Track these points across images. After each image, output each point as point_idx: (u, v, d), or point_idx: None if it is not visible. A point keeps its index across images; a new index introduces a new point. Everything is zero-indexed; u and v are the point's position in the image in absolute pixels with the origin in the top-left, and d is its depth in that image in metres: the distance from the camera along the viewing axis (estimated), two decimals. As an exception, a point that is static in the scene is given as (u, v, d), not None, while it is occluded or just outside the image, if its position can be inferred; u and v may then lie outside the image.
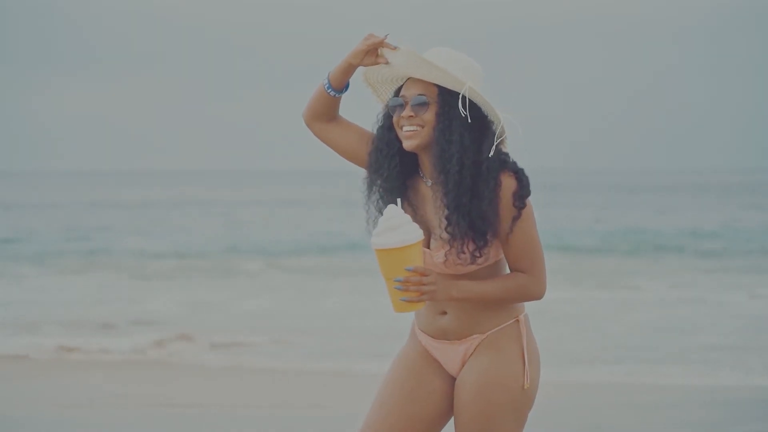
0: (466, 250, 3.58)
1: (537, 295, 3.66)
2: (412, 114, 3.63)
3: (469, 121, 3.60)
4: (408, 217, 3.51)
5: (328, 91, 3.76)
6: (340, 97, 3.78)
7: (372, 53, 3.68)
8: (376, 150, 3.72)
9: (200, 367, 11.22)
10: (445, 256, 3.61)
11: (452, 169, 3.57)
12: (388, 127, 3.72)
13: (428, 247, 3.67)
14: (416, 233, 3.49)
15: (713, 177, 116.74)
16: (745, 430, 7.96)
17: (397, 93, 3.72)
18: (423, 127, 3.63)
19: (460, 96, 3.59)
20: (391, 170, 3.68)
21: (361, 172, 3.84)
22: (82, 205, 54.60)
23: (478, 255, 3.59)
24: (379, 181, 3.70)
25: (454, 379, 3.78)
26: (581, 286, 19.30)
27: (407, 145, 3.64)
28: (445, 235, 3.61)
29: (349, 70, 3.71)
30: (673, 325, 14.18)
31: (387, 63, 3.66)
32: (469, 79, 3.61)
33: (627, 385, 10.05)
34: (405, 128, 3.64)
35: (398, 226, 3.47)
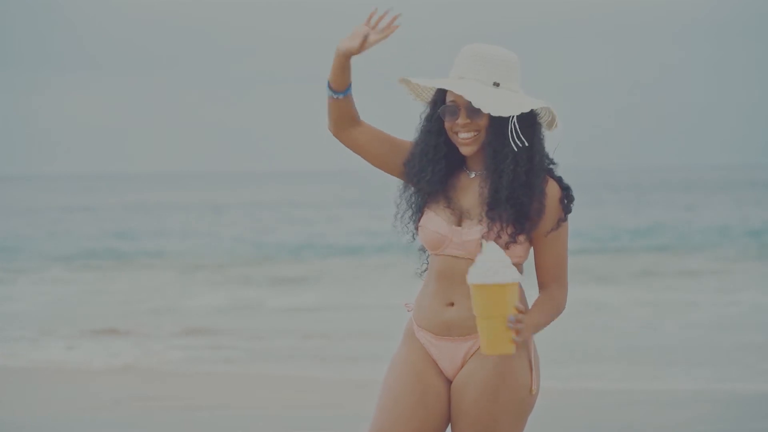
0: (504, 234, 3.62)
1: (564, 307, 3.74)
2: (468, 121, 3.65)
3: (522, 140, 3.63)
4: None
5: (334, 96, 3.72)
6: (349, 98, 3.73)
7: (356, 36, 3.62)
8: (421, 153, 3.72)
9: (235, 371, 11.23)
10: (483, 236, 3.62)
11: (507, 168, 3.62)
12: (436, 131, 3.72)
13: (459, 225, 3.68)
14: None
15: (717, 174, 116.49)
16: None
17: (440, 95, 3.72)
18: (479, 132, 3.66)
19: (510, 130, 3.62)
20: (435, 173, 3.69)
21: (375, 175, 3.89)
22: (96, 208, 54.57)
23: (513, 241, 3.62)
24: (420, 183, 3.71)
25: (450, 380, 3.75)
26: (616, 285, 19.24)
27: (466, 151, 3.68)
28: (485, 219, 3.64)
29: (342, 63, 3.67)
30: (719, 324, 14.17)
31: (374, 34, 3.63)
32: (512, 82, 3.66)
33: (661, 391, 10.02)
34: (462, 135, 3.67)
35: (507, 263, 3.47)
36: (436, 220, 3.69)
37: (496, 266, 3.44)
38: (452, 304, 3.71)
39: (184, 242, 32.36)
